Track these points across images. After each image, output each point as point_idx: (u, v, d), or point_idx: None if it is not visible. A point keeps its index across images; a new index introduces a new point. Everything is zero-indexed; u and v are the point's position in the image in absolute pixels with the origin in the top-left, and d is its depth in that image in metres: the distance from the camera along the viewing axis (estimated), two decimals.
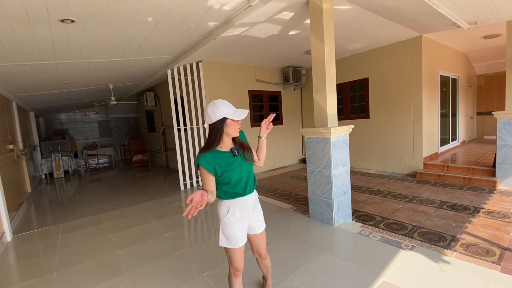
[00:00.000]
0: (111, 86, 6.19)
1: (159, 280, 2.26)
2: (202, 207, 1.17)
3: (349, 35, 4.56)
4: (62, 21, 2.48)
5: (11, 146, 4.75)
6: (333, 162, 2.99)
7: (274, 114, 1.67)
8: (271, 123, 1.65)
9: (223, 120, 1.41)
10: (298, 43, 4.66)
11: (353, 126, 3.24)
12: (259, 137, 1.67)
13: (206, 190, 1.30)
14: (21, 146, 5.59)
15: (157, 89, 7.86)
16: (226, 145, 1.50)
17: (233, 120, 1.43)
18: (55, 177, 7.91)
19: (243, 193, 1.51)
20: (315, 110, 3.18)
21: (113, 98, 6.55)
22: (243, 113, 1.45)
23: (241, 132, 1.63)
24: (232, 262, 1.57)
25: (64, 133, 9.98)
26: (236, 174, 1.47)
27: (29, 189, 5.91)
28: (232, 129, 1.45)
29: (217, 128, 1.42)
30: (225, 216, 1.52)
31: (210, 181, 1.42)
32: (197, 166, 1.45)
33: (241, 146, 1.55)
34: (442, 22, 3.98)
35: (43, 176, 8.06)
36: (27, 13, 2.30)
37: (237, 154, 1.49)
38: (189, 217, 1.14)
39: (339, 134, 3.06)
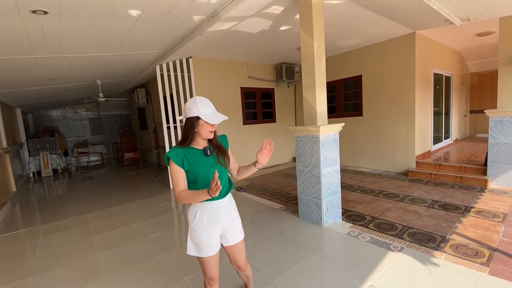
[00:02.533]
0: (99, 82, 6.02)
1: (139, 284, 2.17)
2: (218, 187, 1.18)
3: (342, 32, 4.47)
4: (34, 12, 2.34)
5: None
6: (322, 161, 2.92)
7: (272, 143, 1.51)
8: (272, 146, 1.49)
9: (197, 119, 1.36)
10: (290, 39, 4.55)
11: (343, 124, 3.16)
12: (254, 165, 1.53)
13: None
14: (4, 144, 5.41)
15: (148, 85, 7.70)
16: (200, 143, 1.42)
17: (206, 122, 1.35)
18: (43, 175, 7.73)
19: (212, 197, 1.41)
20: (304, 107, 3.09)
21: (101, 95, 6.38)
22: (219, 118, 1.36)
23: (223, 136, 1.55)
24: (205, 271, 1.46)
25: (54, 130, 9.76)
26: (203, 173, 1.37)
27: (13, 188, 5.74)
28: (204, 130, 1.37)
29: (191, 125, 1.37)
30: (193, 222, 1.42)
31: (181, 176, 1.35)
32: (167, 161, 1.37)
33: (216, 147, 1.45)
34: (435, 18, 3.91)
35: (31, 175, 7.88)
36: None
37: (209, 154, 1.41)
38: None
39: (329, 133, 2.98)
